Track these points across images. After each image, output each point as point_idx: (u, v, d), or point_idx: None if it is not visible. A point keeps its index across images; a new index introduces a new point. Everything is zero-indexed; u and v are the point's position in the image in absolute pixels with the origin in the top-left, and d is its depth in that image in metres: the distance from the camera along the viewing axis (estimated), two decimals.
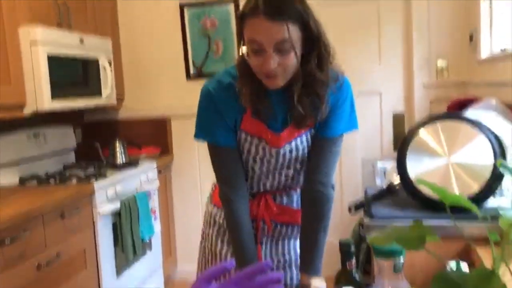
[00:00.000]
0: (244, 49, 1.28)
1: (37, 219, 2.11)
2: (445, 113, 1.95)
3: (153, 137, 3.56)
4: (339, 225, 2.93)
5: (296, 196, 1.49)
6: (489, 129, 1.50)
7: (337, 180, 3.32)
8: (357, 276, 1.04)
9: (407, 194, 1.60)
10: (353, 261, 1.05)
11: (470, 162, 1.51)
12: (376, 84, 3.32)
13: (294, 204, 1.49)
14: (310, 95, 1.31)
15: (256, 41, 1.21)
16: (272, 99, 1.34)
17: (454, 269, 1.04)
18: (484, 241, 0.86)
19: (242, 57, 1.32)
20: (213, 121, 1.37)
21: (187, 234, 3.57)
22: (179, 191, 3.60)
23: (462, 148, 1.52)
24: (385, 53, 3.30)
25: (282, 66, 1.24)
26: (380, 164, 2.48)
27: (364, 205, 1.66)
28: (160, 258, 3.25)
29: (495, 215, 0.87)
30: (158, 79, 3.56)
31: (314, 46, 1.28)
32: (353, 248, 1.04)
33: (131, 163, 3.12)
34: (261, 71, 1.26)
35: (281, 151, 1.37)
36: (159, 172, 3.31)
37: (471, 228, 1.40)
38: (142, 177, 3.05)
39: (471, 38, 2.94)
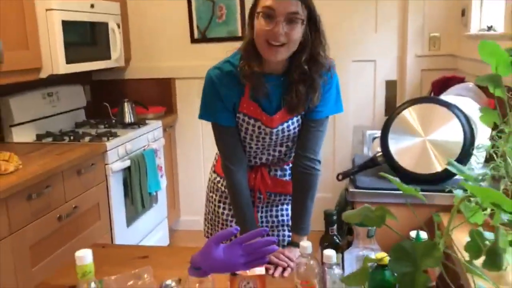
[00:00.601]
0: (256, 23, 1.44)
1: (58, 175, 2.34)
2: (424, 97, 2.15)
3: (158, 96, 3.76)
4: (331, 185, 3.18)
5: (288, 169, 1.71)
6: (462, 112, 1.71)
7: (330, 145, 3.55)
8: (337, 239, 1.29)
9: (388, 167, 1.83)
10: (335, 227, 1.28)
11: (443, 140, 1.73)
12: (371, 52, 3.49)
13: (287, 177, 1.71)
14: (306, 83, 1.49)
15: (272, 8, 1.37)
16: (270, 83, 1.52)
17: (414, 238, 1.27)
18: (449, 209, 1.04)
19: (249, 40, 1.49)
20: (215, 104, 1.55)
21: (189, 188, 3.84)
22: (182, 149, 3.83)
23: (437, 128, 1.73)
24: (381, 23, 3.45)
25: (288, 37, 1.39)
26: (369, 133, 2.69)
27: (350, 175, 1.89)
28: (165, 210, 3.52)
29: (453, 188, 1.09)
30: (164, 41, 3.71)
31: (313, 34, 1.45)
32: (335, 218, 1.28)
33: (139, 122, 3.33)
34: (265, 37, 1.40)
35: (274, 131, 1.56)
36: (164, 130, 3.53)
37: (438, 198, 1.65)
38: (149, 136, 3.26)
39: (463, 13, 3.09)
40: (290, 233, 1.68)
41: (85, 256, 1.27)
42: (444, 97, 1.94)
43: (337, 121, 3.53)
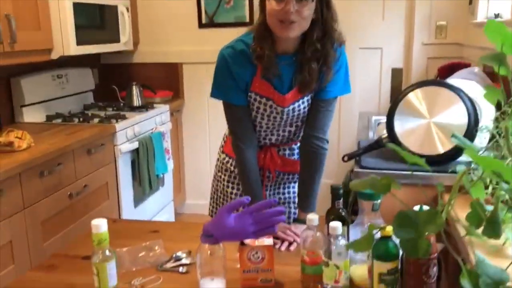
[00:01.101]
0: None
1: (68, 154, 2.40)
2: (430, 80, 2.18)
3: (165, 81, 3.80)
4: (336, 170, 3.24)
5: (297, 149, 1.75)
6: (466, 95, 1.75)
7: (335, 130, 3.59)
8: (343, 213, 1.33)
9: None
10: (341, 201, 1.33)
11: (448, 122, 1.77)
12: (378, 39, 3.52)
13: (295, 156, 1.76)
14: (320, 60, 1.52)
15: None
16: (281, 62, 1.56)
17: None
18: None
19: (261, 21, 1.53)
20: (227, 83, 1.59)
21: (195, 172, 3.89)
22: (189, 133, 3.88)
23: (442, 110, 1.77)
24: (388, 10, 3.47)
25: (299, 14, 1.42)
26: (374, 118, 2.73)
27: (356, 156, 1.93)
28: (171, 193, 3.57)
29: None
30: (172, 26, 3.74)
31: (325, 10, 1.49)
32: (341, 191, 1.32)
33: (147, 106, 3.37)
34: (277, 16, 1.43)
35: (286, 110, 1.60)
36: (172, 114, 3.58)
37: (441, 179, 1.69)
38: (157, 119, 3.31)
39: (470, 1, 3.11)
40: (297, 210, 1.73)
41: (101, 225, 1.32)
42: (449, 80, 1.97)
43: (342, 107, 3.57)
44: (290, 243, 1.55)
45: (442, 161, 1.76)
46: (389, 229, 1.17)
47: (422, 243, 0.96)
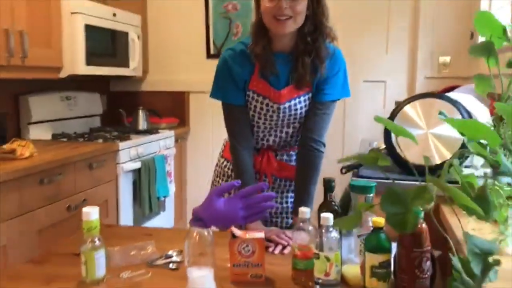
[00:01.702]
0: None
1: (69, 166, 2.41)
2: (427, 93, 2.19)
3: (172, 108, 3.86)
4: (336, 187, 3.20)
5: (294, 155, 1.76)
6: (463, 107, 1.76)
7: (339, 154, 3.58)
8: (335, 205, 1.32)
9: (391, 159, 1.87)
10: (333, 194, 1.32)
11: (445, 134, 1.77)
12: (382, 73, 3.57)
13: (293, 162, 1.76)
14: (312, 54, 1.57)
15: None
16: (278, 61, 1.61)
17: None
18: (448, 200, 1.08)
19: (257, 21, 1.59)
20: (227, 83, 1.64)
21: (197, 199, 3.84)
22: (192, 160, 3.90)
23: (439, 122, 1.77)
24: (392, 45, 3.54)
25: (293, 9, 1.48)
26: (376, 143, 2.73)
27: (354, 168, 1.93)
28: (172, 218, 3.55)
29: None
30: (181, 56, 3.85)
31: (316, 5, 1.55)
32: (333, 184, 1.32)
33: (152, 130, 3.41)
34: (271, 14, 1.50)
35: (282, 107, 1.63)
36: (176, 141, 3.61)
37: (438, 189, 1.67)
38: (161, 143, 3.34)
39: (472, 35, 3.18)
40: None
41: (91, 212, 1.32)
42: (447, 94, 1.99)
43: (346, 135, 3.60)
44: (284, 247, 1.53)
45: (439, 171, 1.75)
46: (381, 220, 1.16)
47: (410, 217, 0.96)
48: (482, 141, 0.96)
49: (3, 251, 1.99)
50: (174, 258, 1.45)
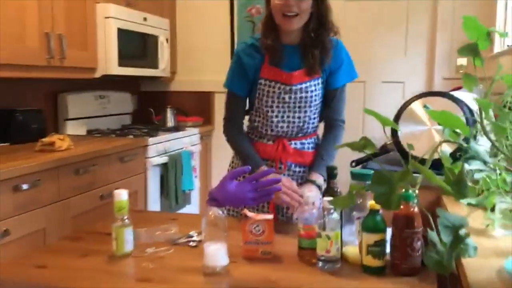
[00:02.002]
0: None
1: (103, 158, 2.62)
2: (432, 91, 2.31)
3: (198, 108, 4.07)
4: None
5: (307, 144, 1.91)
6: (466, 105, 1.87)
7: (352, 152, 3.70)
8: (337, 191, 1.46)
9: (398, 152, 1.99)
10: (336, 180, 1.47)
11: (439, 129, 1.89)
12: (401, 74, 3.68)
13: (305, 150, 1.91)
14: (318, 46, 1.76)
15: None
16: (286, 51, 1.80)
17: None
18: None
19: (266, 16, 1.79)
20: (235, 74, 1.86)
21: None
22: (217, 157, 4.08)
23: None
24: (411, 47, 3.65)
25: (298, 7, 1.67)
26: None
27: (364, 162, 2.06)
28: (197, 212, 3.73)
29: None
30: (207, 57, 4.04)
31: (320, 3, 1.74)
32: (336, 171, 1.46)
33: (179, 127, 3.61)
34: (280, 11, 1.69)
35: (294, 88, 1.79)
36: (201, 138, 3.80)
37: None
38: (187, 140, 3.53)
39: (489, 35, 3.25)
40: None
41: (122, 194, 1.51)
42: (452, 92, 2.10)
43: (366, 133, 3.70)
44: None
45: (440, 165, 1.87)
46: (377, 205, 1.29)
47: (395, 197, 1.10)
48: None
49: (42, 233, 2.21)
50: (195, 238, 1.62)
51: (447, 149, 1.80)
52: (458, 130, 1.06)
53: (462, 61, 3.49)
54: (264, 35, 1.77)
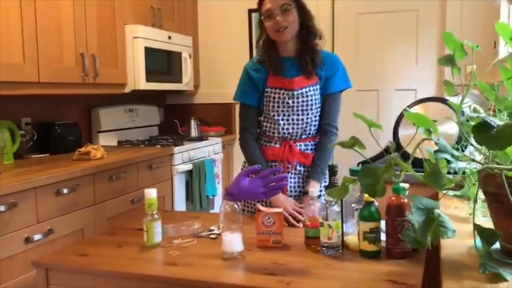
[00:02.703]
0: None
1: (133, 166, 2.88)
2: (431, 97, 2.47)
3: (220, 118, 4.31)
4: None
5: (310, 145, 2.12)
6: (462, 110, 2.05)
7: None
8: (337, 186, 1.66)
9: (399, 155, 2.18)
10: (337, 177, 1.66)
11: (444, 131, 2.06)
12: (412, 82, 3.85)
13: (309, 151, 2.12)
14: (309, 51, 2.02)
15: (268, 9, 1.97)
16: (286, 63, 2.06)
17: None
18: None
19: (264, 37, 2.07)
20: (245, 87, 2.12)
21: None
22: (238, 165, 4.29)
23: (440, 122, 2.07)
24: (421, 56, 3.82)
25: (287, 21, 1.96)
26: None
27: (367, 162, 2.25)
28: None
29: None
30: (227, 71, 4.29)
31: (303, 13, 2.02)
32: (336, 169, 1.66)
33: (202, 137, 3.86)
34: (273, 29, 1.98)
35: (295, 93, 2.04)
36: (223, 147, 4.03)
37: None
38: (210, 149, 3.77)
39: (495, 45, 3.40)
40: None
41: (151, 192, 1.74)
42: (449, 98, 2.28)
43: (379, 138, 3.87)
44: (298, 221, 1.92)
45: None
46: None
47: (379, 187, 1.29)
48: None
49: (80, 232, 2.46)
50: (215, 231, 1.83)
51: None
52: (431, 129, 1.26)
53: (472, 67, 3.63)
54: (265, 53, 2.05)
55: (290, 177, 2.12)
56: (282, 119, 2.08)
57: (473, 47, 1.46)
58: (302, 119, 2.08)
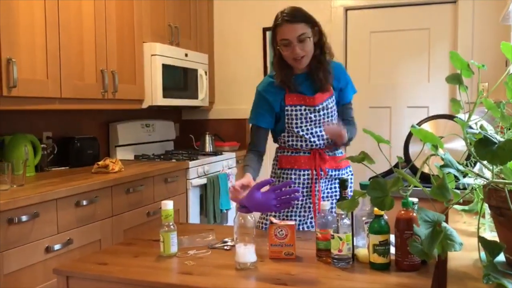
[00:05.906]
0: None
1: (149, 179, 2.95)
2: (440, 114, 2.52)
3: (234, 134, 4.39)
4: None
5: (337, 152, 2.21)
6: (470, 126, 2.09)
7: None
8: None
9: (409, 170, 2.22)
10: (348, 191, 1.71)
11: (453, 148, 2.11)
12: (424, 99, 3.89)
13: (339, 154, 2.22)
14: (321, 70, 2.08)
15: (286, 39, 2.00)
16: (299, 79, 2.12)
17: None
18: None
19: (276, 58, 2.12)
20: (258, 110, 2.18)
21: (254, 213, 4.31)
22: None
23: (449, 139, 2.12)
24: (433, 73, 3.87)
25: (304, 51, 2.02)
26: None
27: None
28: None
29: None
30: (242, 88, 4.38)
31: (320, 38, 2.09)
32: (347, 183, 1.71)
33: (217, 152, 3.93)
34: (291, 58, 2.04)
35: (317, 108, 2.11)
36: (237, 162, 4.10)
37: None
38: (224, 163, 3.84)
39: (506, 63, 3.44)
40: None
41: (168, 203, 1.81)
42: (458, 115, 2.32)
43: (392, 154, 3.91)
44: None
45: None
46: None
47: (388, 200, 1.34)
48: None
49: (98, 243, 2.53)
50: (229, 243, 1.89)
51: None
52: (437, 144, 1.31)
53: (484, 85, 3.67)
54: (280, 73, 2.09)
55: (323, 182, 2.16)
56: (307, 133, 2.14)
57: (479, 66, 1.51)
58: None
